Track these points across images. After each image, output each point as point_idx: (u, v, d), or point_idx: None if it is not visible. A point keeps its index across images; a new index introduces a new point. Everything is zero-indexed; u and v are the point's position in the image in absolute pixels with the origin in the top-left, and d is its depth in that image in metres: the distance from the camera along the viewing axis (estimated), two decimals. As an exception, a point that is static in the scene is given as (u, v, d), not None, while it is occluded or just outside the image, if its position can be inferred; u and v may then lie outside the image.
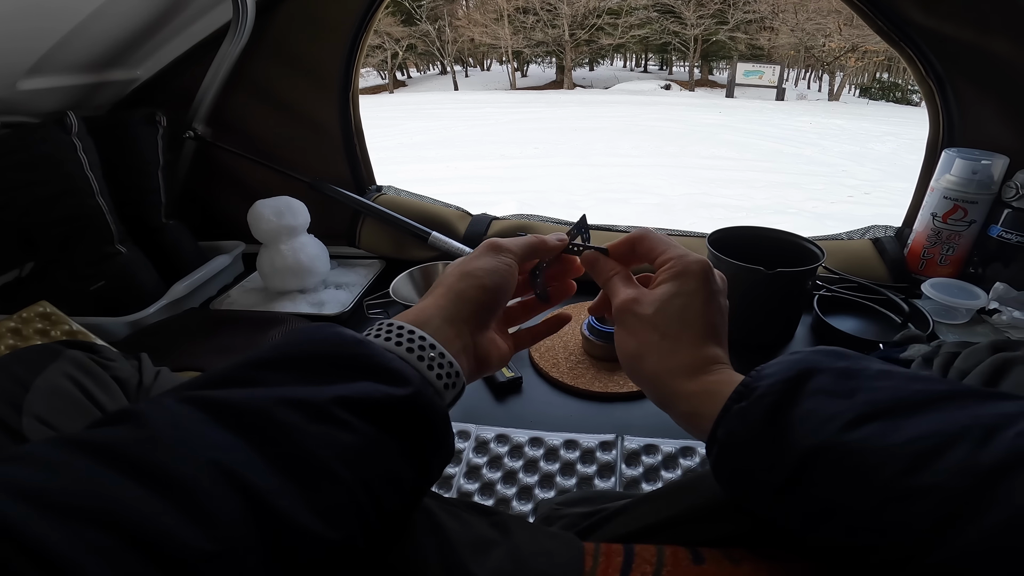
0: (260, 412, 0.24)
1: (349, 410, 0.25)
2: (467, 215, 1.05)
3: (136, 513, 0.19)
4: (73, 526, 0.18)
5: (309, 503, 0.22)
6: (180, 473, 0.21)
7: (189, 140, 1.04)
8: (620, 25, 17.67)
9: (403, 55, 19.15)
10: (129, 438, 0.22)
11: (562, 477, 0.62)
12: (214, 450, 0.22)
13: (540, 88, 18.29)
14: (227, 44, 0.95)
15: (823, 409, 0.26)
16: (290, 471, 0.23)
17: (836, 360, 0.29)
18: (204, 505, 0.20)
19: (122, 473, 0.20)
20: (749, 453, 0.28)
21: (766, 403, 0.27)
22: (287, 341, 0.28)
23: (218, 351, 0.79)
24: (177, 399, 0.24)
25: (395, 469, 0.26)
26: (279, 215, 0.89)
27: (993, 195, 0.83)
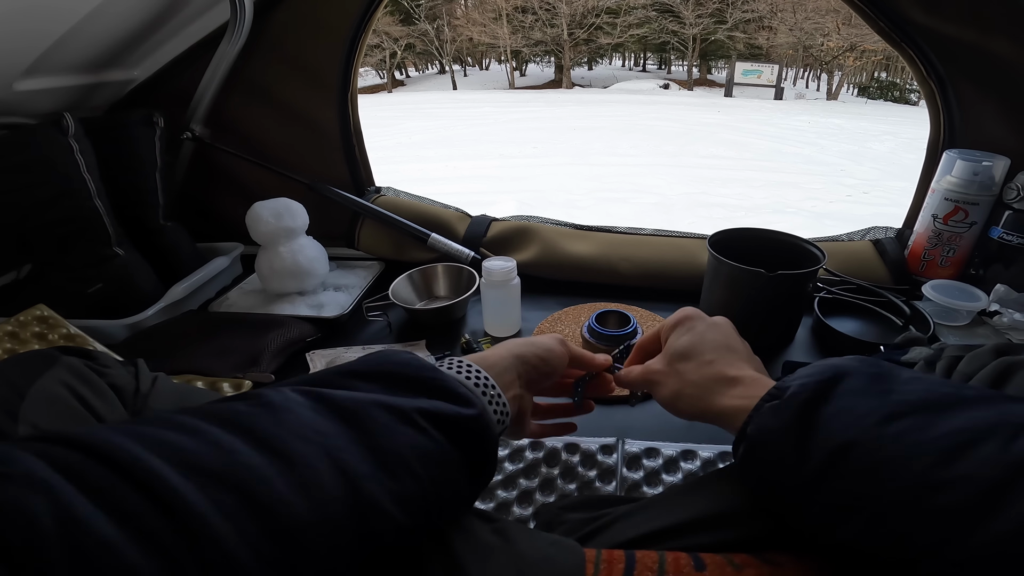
0: (359, 409, 0.28)
1: (427, 419, 0.29)
2: (466, 216, 1.04)
3: (255, 478, 0.22)
4: (203, 482, 0.21)
5: (391, 491, 0.26)
6: (294, 448, 0.24)
7: (187, 141, 1.04)
8: (619, 24, 17.66)
9: (402, 54, 19.12)
10: (255, 414, 0.25)
11: (563, 481, 0.61)
12: (322, 434, 0.26)
13: (539, 87, 18.28)
14: (225, 44, 0.94)
15: (856, 407, 0.28)
16: (379, 461, 0.26)
17: (868, 366, 0.30)
18: (310, 478, 0.24)
19: (247, 442, 0.24)
20: (778, 449, 0.30)
21: (799, 400, 0.29)
22: (372, 360, 0.33)
23: (217, 354, 0.78)
24: (292, 389, 0.28)
25: (455, 478, 0.30)
26: (278, 217, 0.88)
27: (994, 197, 0.83)
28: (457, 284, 0.93)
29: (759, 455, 0.31)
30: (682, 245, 0.93)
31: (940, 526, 0.24)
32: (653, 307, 0.87)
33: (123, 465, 0.20)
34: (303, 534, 0.22)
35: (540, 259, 0.94)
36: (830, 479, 0.27)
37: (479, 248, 0.98)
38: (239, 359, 0.77)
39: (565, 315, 0.87)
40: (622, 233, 0.96)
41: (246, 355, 0.78)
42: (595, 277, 0.93)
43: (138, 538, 0.19)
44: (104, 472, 0.20)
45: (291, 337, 0.82)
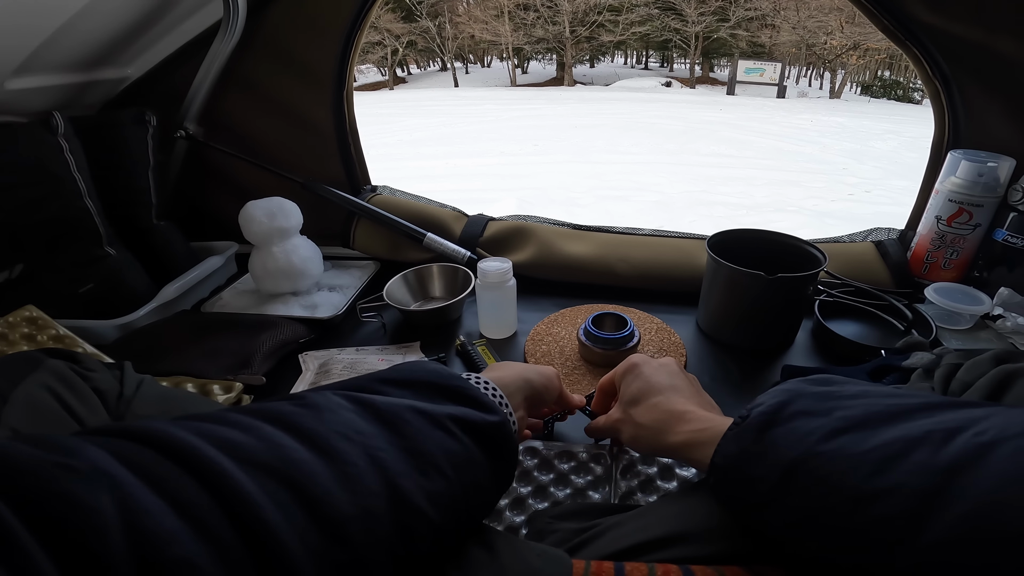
0: (395, 413, 0.30)
1: (457, 425, 0.32)
2: (463, 216, 1.03)
3: (303, 471, 0.24)
4: (259, 476, 0.23)
5: (424, 489, 0.28)
6: (336, 446, 0.26)
7: (180, 140, 1.03)
8: (621, 22, 17.62)
9: (403, 52, 19.10)
10: (301, 413, 0.27)
11: (556, 488, 0.60)
12: (362, 434, 0.28)
13: (541, 85, 18.24)
14: (218, 42, 0.93)
15: (802, 427, 0.30)
16: (414, 461, 0.29)
17: (817, 386, 0.33)
18: (352, 474, 0.26)
19: (295, 438, 0.26)
20: (740, 472, 0.32)
21: (753, 426, 0.32)
22: (404, 368, 0.36)
23: (208, 355, 0.77)
24: (333, 392, 0.31)
25: (481, 480, 0.33)
26: (271, 216, 0.87)
27: (999, 198, 0.82)
28: (453, 285, 0.92)
29: (726, 479, 0.33)
30: (681, 246, 0.92)
31: (881, 537, 0.25)
32: (651, 309, 0.86)
33: (185, 456, 0.22)
34: (345, 526, 0.24)
35: (537, 260, 0.93)
36: (783, 497, 0.29)
37: (475, 248, 0.96)
38: (231, 361, 0.76)
39: (562, 317, 0.86)
40: (620, 233, 0.94)
41: (238, 356, 0.77)
42: (592, 278, 0.91)
43: (197, 528, 0.20)
44: (166, 463, 0.22)
45: (284, 338, 0.81)
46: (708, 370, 0.75)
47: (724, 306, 0.77)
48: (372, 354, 0.79)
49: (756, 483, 0.30)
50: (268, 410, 0.27)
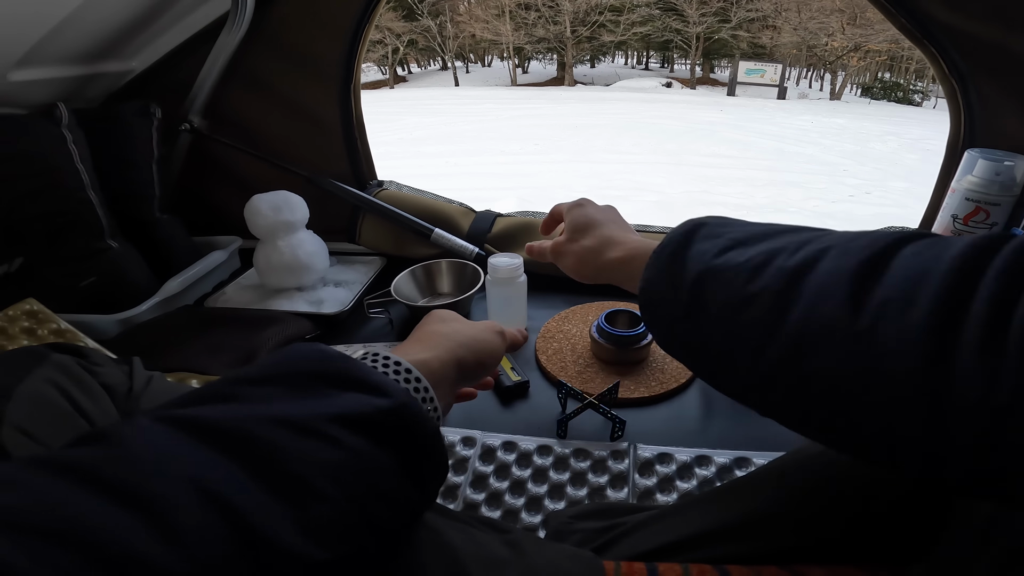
0: (241, 430, 0.23)
1: (338, 424, 0.25)
2: (471, 212, 1.02)
3: (101, 531, 0.18)
4: (33, 543, 0.17)
5: (295, 521, 0.21)
6: (153, 491, 0.20)
7: (184, 133, 1.01)
8: (622, 22, 17.64)
9: (404, 50, 19.09)
10: (100, 456, 0.21)
11: (572, 487, 0.59)
12: (191, 468, 0.21)
13: (541, 84, 18.24)
14: (225, 35, 0.92)
15: (705, 247, 0.34)
16: (273, 489, 0.22)
17: (719, 217, 0.38)
18: (179, 523, 0.19)
19: (89, 491, 0.19)
20: (660, 292, 0.35)
21: (667, 251, 0.36)
22: (270, 360, 0.28)
23: (212, 350, 0.76)
24: (153, 419, 0.23)
25: (387, 484, 0.26)
26: (276, 210, 0.86)
27: (1015, 197, 0.81)
28: (461, 281, 0.91)
29: (651, 299, 0.36)
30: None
31: (753, 337, 0.29)
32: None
33: None
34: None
35: (545, 257, 0.92)
36: (693, 309, 0.33)
37: (484, 244, 0.95)
38: (235, 356, 0.75)
39: (573, 314, 0.85)
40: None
41: (242, 352, 0.76)
42: None
43: None
44: None
45: (289, 334, 0.80)
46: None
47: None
48: (380, 351, 0.78)
49: (672, 300, 0.34)
50: (59, 459, 0.21)
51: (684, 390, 0.71)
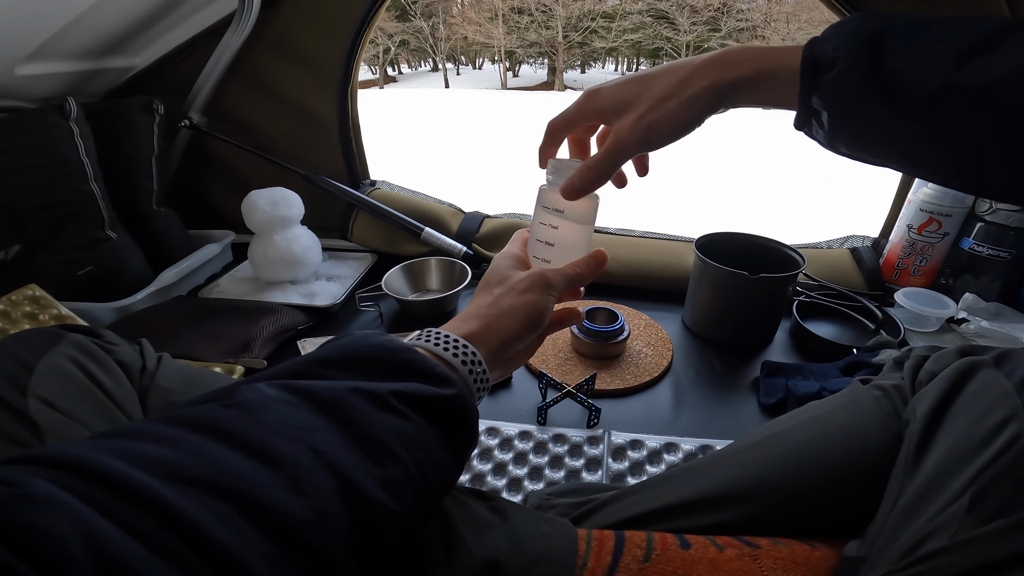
0: (337, 399, 0.27)
1: (405, 403, 0.29)
2: (460, 212, 1.06)
3: (248, 483, 0.22)
4: (197, 494, 0.21)
5: (378, 478, 0.26)
6: (279, 448, 0.24)
7: (184, 129, 1.04)
8: (614, 29, 17.75)
9: (395, 50, 19.02)
10: (233, 416, 0.25)
11: (551, 470, 0.63)
12: (303, 429, 0.25)
13: (531, 88, 18.29)
14: (230, 35, 0.95)
15: (923, 58, 0.29)
16: (364, 449, 0.26)
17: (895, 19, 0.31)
18: (301, 477, 0.23)
19: (231, 447, 0.23)
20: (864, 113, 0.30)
21: (861, 65, 0.29)
22: (345, 345, 0.31)
23: (206, 339, 0.79)
24: (266, 384, 0.27)
25: (439, 456, 0.30)
26: (274, 205, 0.89)
27: (967, 208, 0.87)
28: (450, 278, 0.95)
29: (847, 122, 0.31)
30: (669, 247, 0.96)
31: None
32: (640, 306, 0.90)
33: (112, 483, 0.20)
34: (302, 531, 0.22)
35: (531, 256, 0.96)
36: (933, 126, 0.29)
37: (472, 244, 0.99)
38: (230, 345, 0.78)
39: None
40: (612, 234, 0.98)
41: (237, 341, 0.79)
42: None
43: (157, 551, 0.19)
44: (102, 491, 0.20)
45: (283, 324, 0.83)
46: (693, 364, 0.79)
47: (709, 303, 0.81)
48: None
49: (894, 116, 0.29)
50: (195, 418, 0.24)
51: (656, 383, 0.76)
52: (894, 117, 0.30)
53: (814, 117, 0.33)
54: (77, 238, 0.86)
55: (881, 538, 0.35)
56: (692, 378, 0.77)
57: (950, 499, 0.32)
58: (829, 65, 0.31)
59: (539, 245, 0.43)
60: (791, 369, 0.74)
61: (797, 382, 0.71)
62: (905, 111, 0.29)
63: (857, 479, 0.41)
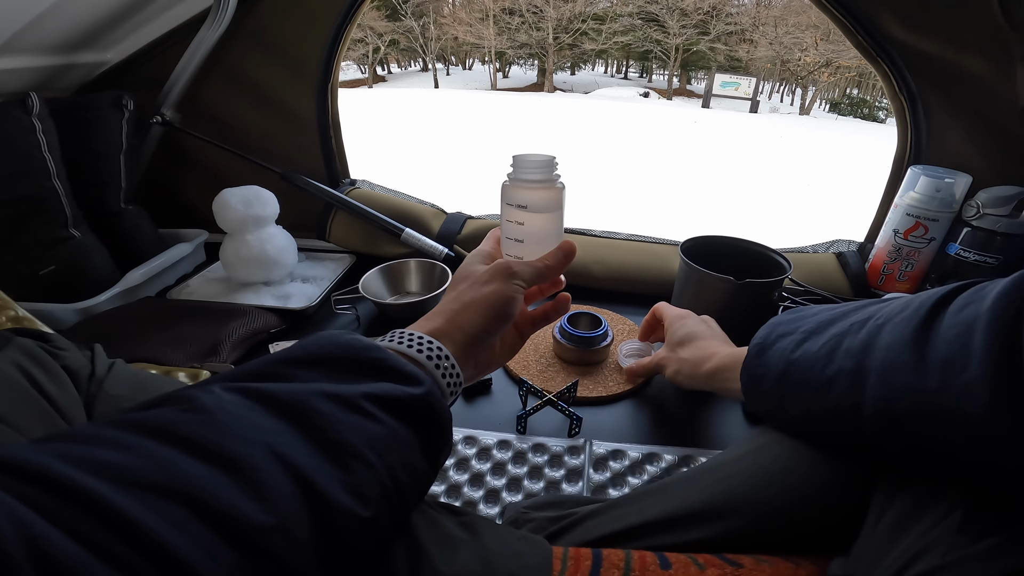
0: (300, 402, 0.26)
1: (374, 404, 0.28)
2: (442, 213, 1.03)
3: (203, 488, 0.21)
4: (147, 498, 0.20)
5: (344, 483, 0.25)
6: (237, 452, 0.23)
7: (156, 125, 1.00)
8: (604, 31, 17.86)
9: (385, 50, 18.95)
10: (190, 420, 0.24)
11: (530, 481, 0.61)
12: (263, 433, 0.24)
13: (521, 90, 18.32)
14: (205, 30, 0.92)
15: (782, 345, 0.41)
16: (329, 454, 0.25)
17: (792, 314, 0.46)
18: (261, 482, 0.23)
19: (188, 453, 0.22)
20: (756, 389, 0.44)
21: (754, 353, 0.45)
22: (311, 345, 0.31)
23: (174, 342, 0.76)
24: (224, 388, 0.26)
25: (411, 458, 0.29)
26: (247, 204, 0.86)
27: (954, 213, 0.86)
28: (430, 280, 0.92)
29: (749, 397, 0.45)
30: (654, 250, 0.94)
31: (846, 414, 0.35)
32: (624, 310, 0.88)
33: (55, 486, 0.19)
34: (261, 537, 0.22)
35: (514, 259, 0.94)
36: (784, 399, 0.40)
37: (453, 246, 0.97)
38: (197, 348, 0.75)
39: (537, 315, 0.87)
40: (597, 236, 0.96)
41: (205, 344, 0.76)
42: (568, 279, 0.89)
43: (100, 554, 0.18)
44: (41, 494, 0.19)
45: (254, 327, 0.80)
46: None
47: (694, 308, 0.79)
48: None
49: (766, 394, 0.41)
50: (148, 421, 0.23)
51: (640, 390, 0.74)
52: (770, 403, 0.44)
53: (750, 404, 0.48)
54: (39, 236, 0.82)
55: (867, 555, 0.34)
56: (675, 387, 0.75)
57: (940, 515, 0.31)
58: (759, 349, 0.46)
59: (510, 243, 0.43)
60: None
61: (782, 390, 0.70)
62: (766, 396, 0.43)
63: (839, 492, 0.40)
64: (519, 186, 0.41)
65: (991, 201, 0.82)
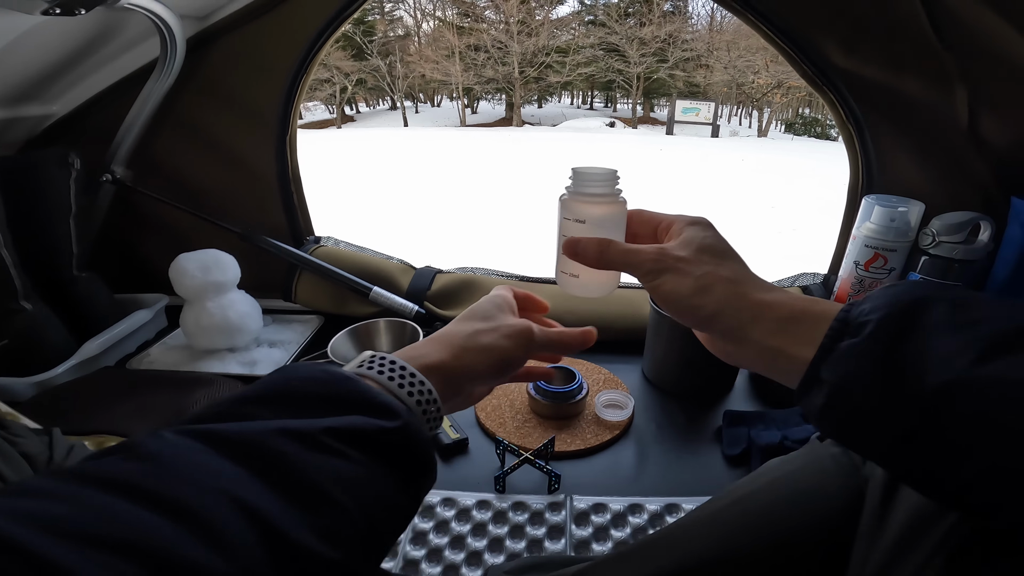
0: (257, 443, 0.24)
1: (340, 440, 0.26)
2: (410, 268, 1.02)
3: (155, 540, 0.19)
4: (94, 553, 0.18)
5: (311, 526, 0.23)
6: (191, 501, 0.21)
7: (107, 184, 0.97)
8: (568, 63, 18.38)
9: (352, 89, 19.14)
10: (134, 468, 0.22)
11: (511, 540, 0.60)
12: (216, 478, 0.22)
13: (490, 125, 18.65)
14: (153, 81, 0.89)
15: (947, 344, 0.24)
16: (291, 496, 0.23)
17: (945, 291, 0.27)
18: (218, 530, 0.21)
19: (134, 501, 0.20)
20: (865, 396, 0.25)
21: (881, 340, 0.25)
22: (274, 379, 0.28)
23: (137, 413, 0.73)
24: (174, 432, 0.24)
25: (388, 494, 0.27)
26: (205, 270, 0.83)
27: (911, 242, 0.87)
28: (400, 340, 0.90)
29: (840, 405, 0.27)
30: (626, 297, 0.94)
31: None
32: (599, 358, 0.87)
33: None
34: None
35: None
36: (935, 428, 0.24)
37: (423, 302, 0.95)
38: (161, 419, 0.72)
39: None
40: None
41: (169, 415, 0.73)
42: None
43: None
44: None
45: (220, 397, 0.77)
46: (654, 417, 0.76)
47: (667, 355, 0.79)
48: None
49: (891, 411, 0.25)
50: (90, 472, 0.21)
51: (618, 440, 0.73)
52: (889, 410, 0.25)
53: (815, 388, 0.28)
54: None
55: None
56: (654, 432, 0.74)
57: (923, 560, 0.30)
58: (856, 329, 0.27)
59: (566, 259, 0.39)
60: (753, 417, 0.72)
61: (759, 431, 0.69)
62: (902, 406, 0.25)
63: (824, 541, 0.40)
64: (579, 200, 0.39)
65: (945, 229, 0.84)
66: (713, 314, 0.32)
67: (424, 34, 20.17)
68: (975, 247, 0.83)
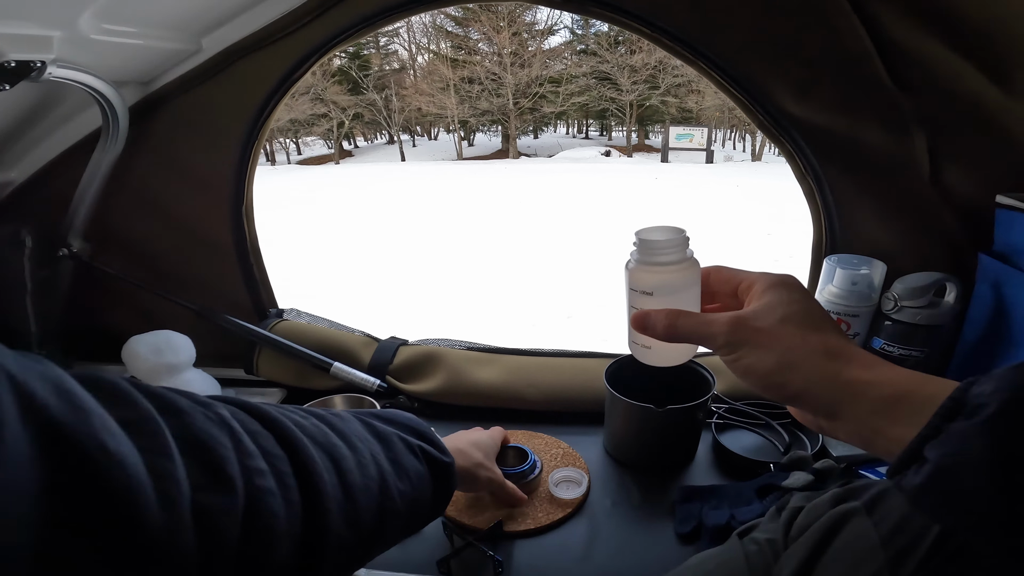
0: (387, 434, 0.45)
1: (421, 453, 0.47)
2: (373, 341, 0.99)
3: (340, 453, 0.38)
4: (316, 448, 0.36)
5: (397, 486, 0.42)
6: (354, 443, 0.40)
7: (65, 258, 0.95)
8: (561, 92, 18.71)
9: (349, 124, 19.46)
10: (335, 419, 0.41)
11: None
12: (367, 442, 0.42)
13: (487, 157, 18.88)
14: (100, 152, 0.86)
15: None
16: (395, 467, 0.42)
17: None
18: (363, 463, 0.39)
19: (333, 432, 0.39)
20: (974, 482, 0.23)
21: (1000, 427, 0.23)
22: (389, 412, 0.50)
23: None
24: (349, 413, 0.45)
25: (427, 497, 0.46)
26: (157, 353, 0.82)
27: (874, 305, 0.84)
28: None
29: (946, 486, 0.25)
30: (584, 367, 0.92)
31: None
32: (559, 431, 0.85)
33: (272, 424, 0.34)
34: (355, 491, 0.36)
35: (447, 387, 0.90)
36: None
37: (385, 376, 0.93)
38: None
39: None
40: (527, 354, 0.94)
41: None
42: (502, 403, 0.89)
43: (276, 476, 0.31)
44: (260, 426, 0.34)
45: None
46: (610, 493, 0.74)
47: (623, 432, 0.78)
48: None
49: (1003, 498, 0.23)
50: (315, 412, 0.41)
51: (571, 518, 0.71)
52: None
53: (914, 465, 0.26)
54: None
55: None
56: (608, 509, 0.71)
57: None
58: (972, 411, 0.24)
59: (637, 333, 0.37)
60: (706, 493, 0.70)
61: (708, 511, 0.67)
62: None
63: None
64: (645, 269, 0.36)
65: (907, 293, 0.80)
66: (800, 392, 0.30)
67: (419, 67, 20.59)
68: (940, 311, 0.80)
